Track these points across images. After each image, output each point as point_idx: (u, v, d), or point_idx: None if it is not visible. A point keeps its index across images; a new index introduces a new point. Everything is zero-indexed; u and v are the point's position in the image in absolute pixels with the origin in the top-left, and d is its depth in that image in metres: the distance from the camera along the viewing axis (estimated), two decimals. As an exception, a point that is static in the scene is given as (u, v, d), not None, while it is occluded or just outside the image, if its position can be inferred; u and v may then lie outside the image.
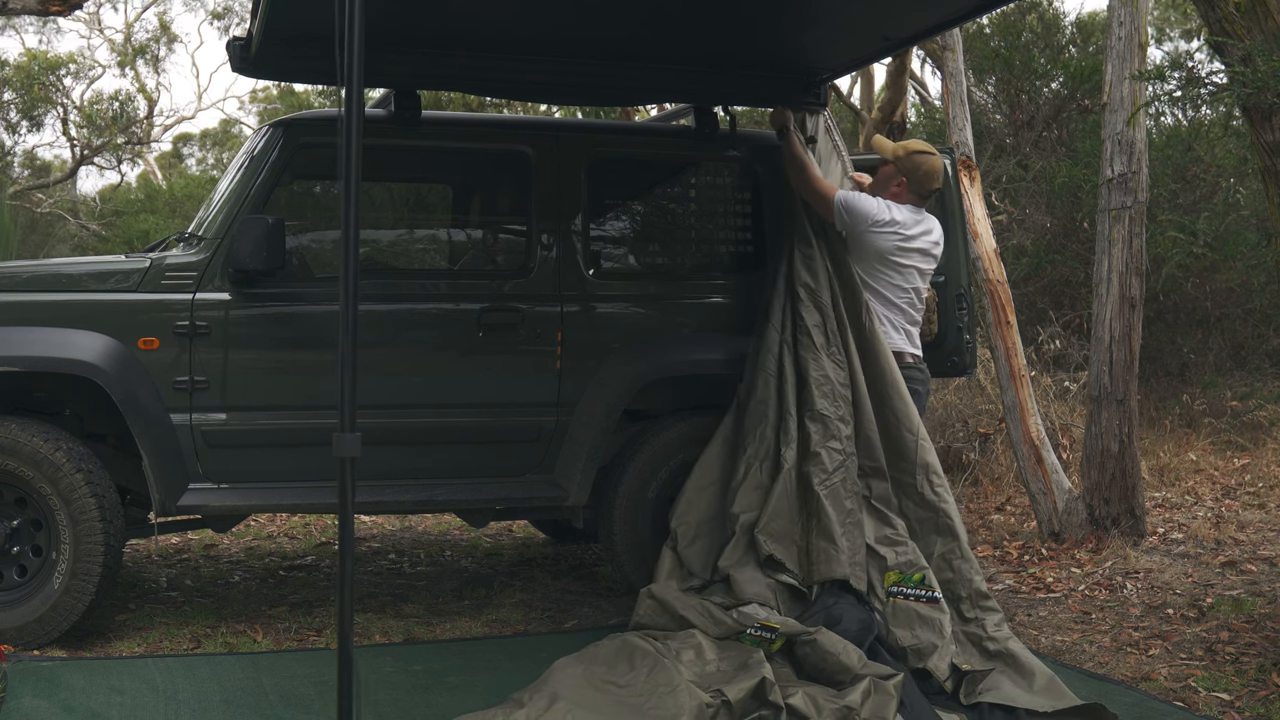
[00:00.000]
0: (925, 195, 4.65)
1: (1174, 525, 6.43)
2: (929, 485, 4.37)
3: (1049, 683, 3.79)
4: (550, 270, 4.88)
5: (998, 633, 4.06)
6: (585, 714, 3.43)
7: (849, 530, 4.26)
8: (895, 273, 4.58)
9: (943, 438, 7.80)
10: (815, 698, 3.56)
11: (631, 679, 3.72)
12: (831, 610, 4.06)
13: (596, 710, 3.46)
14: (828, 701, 3.55)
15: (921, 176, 4.60)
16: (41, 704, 3.69)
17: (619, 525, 4.88)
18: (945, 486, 4.40)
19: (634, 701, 3.54)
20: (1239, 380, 9.14)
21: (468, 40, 4.54)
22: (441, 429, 4.72)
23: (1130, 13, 6.07)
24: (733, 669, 3.75)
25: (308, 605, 5.10)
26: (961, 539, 4.31)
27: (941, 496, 4.36)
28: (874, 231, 4.52)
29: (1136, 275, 6.07)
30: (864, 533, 4.28)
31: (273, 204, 4.63)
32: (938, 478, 4.39)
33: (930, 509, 4.35)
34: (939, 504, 4.35)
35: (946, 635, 4.00)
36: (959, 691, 3.83)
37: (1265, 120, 4.16)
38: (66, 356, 4.29)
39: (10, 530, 4.37)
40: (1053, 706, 3.66)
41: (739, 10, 4.24)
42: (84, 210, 20.30)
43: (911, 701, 3.65)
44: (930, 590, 4.14)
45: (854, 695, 3.56)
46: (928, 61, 15.49)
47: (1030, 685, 3.80)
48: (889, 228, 4.52)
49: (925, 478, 4.37)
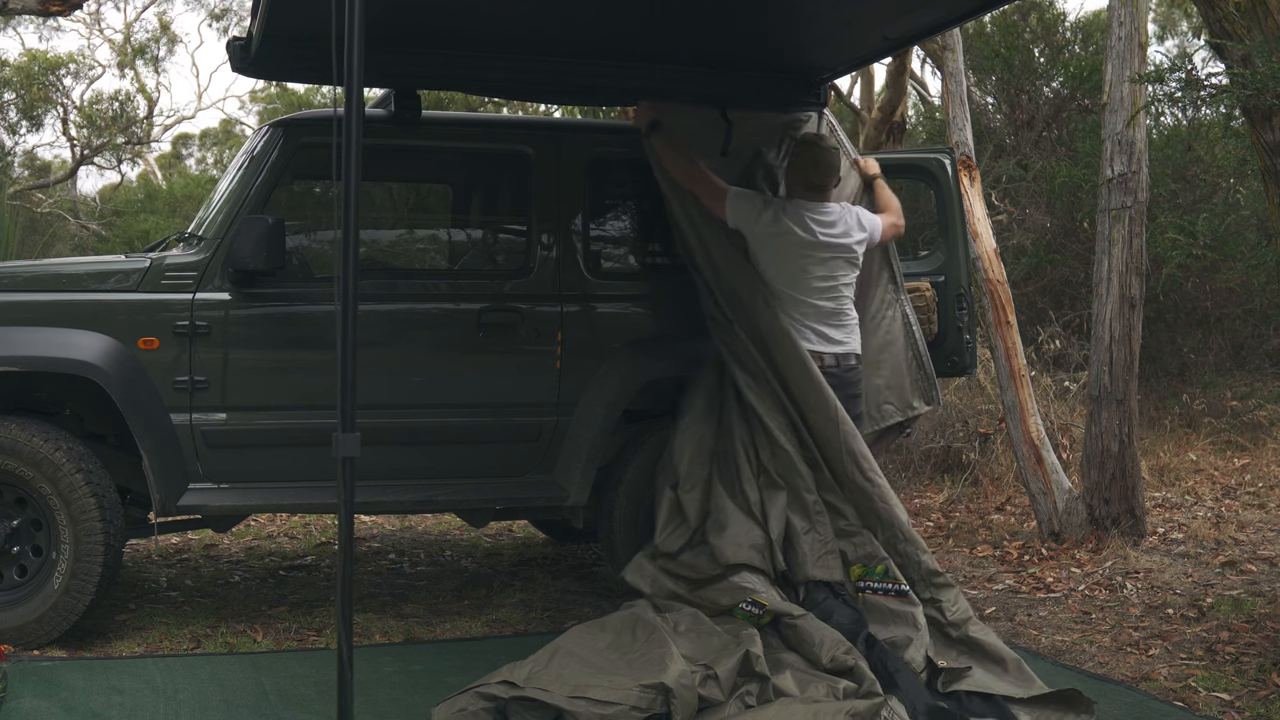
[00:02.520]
0: (812, 186, 4.56)
1: (1174, 525, 6.44)
2: (859, 471, 4.32)
3: (1018, 667, 3.87)
4: (550, 270, 4.88)
5: (955, 613, 4.09)
6: (577, 664, 3.67)
7: (818, 522, 4.30)
8: (788, 267, 4.49)
9: (943, 438, 7.80)
10: (803, 677, 3.73)
11: (631, 646, 3.90)
12: (823, 606, 4.14)
13: (586, 662, 3.68)
14: (816, 678, 3.72)
15: (805, 166, 4.56)
16: (41, 704, 3.69)
17: (619, 525, 4.88)
18: (876, 470, 4.36)
19: (627, 659, 3.77)
20: (1239, 380, 9.14)
21: (468, 40, 4.54)
22: (441, 429, 4.72)
23: (1130, 13, 6.07)
24: (723, 644, 3.88)
25: (308, 605, 5.10)
26: (900, 520, 4.29)
27: (873, 481, 4.33)
28: (759, 228, 4.47)
29: (1136, 275, 6.07)
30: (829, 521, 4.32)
31: (273, 204, 4.63)
32: (866, 461, 4.34)
33: (864, 495, 4.32)
34: (871, 489, 4.32)
35: (920, 627, 4.04)
36: (935, 681, 3.86)
37: (1265, 120, 4.16)
38: (66, 356, 4.29)
39: (10, 530, 4.37)
40: (1027, 693, 3.73)
41: (739, 10, 4.24)
42: (84, 210, 20.28)
43: (906, 685, 3.70)
44: (897, 584, 4.18)
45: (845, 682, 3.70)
46: (928, 61, 15.49)
47: (1003, 670, 3.87)
48: (770, 222, 4.45)
49: (854, 464, 4.33)
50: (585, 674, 3.62)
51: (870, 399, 4.89)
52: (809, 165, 4.57)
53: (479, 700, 3.53)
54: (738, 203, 4.51)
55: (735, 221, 4.54)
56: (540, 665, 3.70)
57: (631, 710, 3.42)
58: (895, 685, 3.68)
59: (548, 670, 3.66)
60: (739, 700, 3.62)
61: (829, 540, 4.29)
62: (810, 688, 3.69)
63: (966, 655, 3.99)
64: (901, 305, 5.01)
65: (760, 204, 4.52)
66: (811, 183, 4.57)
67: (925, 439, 7.89)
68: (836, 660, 3.82)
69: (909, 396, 5.00)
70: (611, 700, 3.44)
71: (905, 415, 5.01)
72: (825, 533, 4.30)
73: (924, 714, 3.56)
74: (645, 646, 3.87)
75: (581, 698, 3.45)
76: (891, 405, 4.98)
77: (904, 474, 7.81)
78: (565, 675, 3.61)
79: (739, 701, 3.62)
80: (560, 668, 3.68)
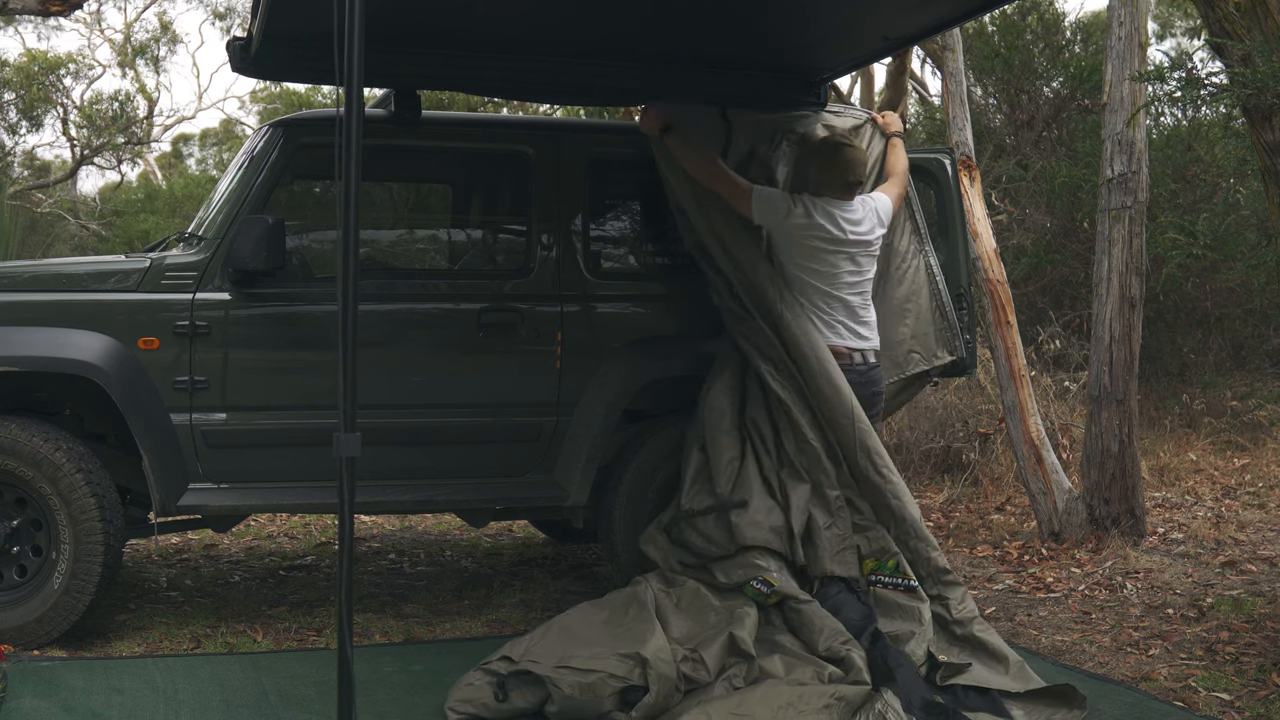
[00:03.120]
0: (847, 186, 4.57)
1: (1174, 525, 6.43)
2: (872, 467, 4.36)
3: (1019, 668, 3.91)
4: (550, 270, 4.88)
5: (961, 611, 4.14)
6: (569, 638, 3.90)
7: (839, 517, 4.33)
8: (821, 264, 4.51)
9: (943, 438, 7.80)
10: (792, 660, 3.85)
11: (621, 621, 4.07)
12: (834, 599, 4.18)
13: (578, 636, 3.90)
14: (804, 662, 3.83)
15: (841, 167, 4.56)
16: (41, 704, 3.69)
17: (619, 525, 4.87)
18: (890, 466, 4.40)
19: (613, 633, 3.96)
20: (1239, 380, 9.14)
21: (468, 40, 4.54)
22: (441, 429, 4.72)
23: (1130, 13, 6.07)
24: (717, 621, 4.07)
25: (308, 605, 5.10)
26: (912, 517, 4.33)
27: (886, 477, 4.36)
28: (790, 225, 4.48)
29: (1136, 275, 6.07)
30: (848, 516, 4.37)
31: (273, 204, 4.63)
32: (880, 458, 4.38)
33: (877, 491, 4.36)
34: (884, 485, 4.35)
35: (925, 622, 4.09)
36: (934, 674, 3.91)
37: (1265, 120, 4.16)
38: (66, 356, 4.29)
39: (10, 530, 4.37)
40: (1024, 687, 3.77)
41: (739, 10, 4.24)
42: (84, 210, 20.28)
43: (904, 679, 3.73)
44: (906, 579, 4.23)
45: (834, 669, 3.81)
46: (928, 61, 15.49)
47: (1004, 670, 3.91)
48: (803, 220, 4.47)
49: (868, 460, 4.36)
50: (573, 646, 3.82)
51: (897, 348, 4.98)
52: (844, 167, 4.57)
53: (484, 676, 3.79)
54: (763, 199, 4.53)
55: (761, 218, 4.56)
56: (536, 640, 3.92)
57: (609, 678, 3.61)
58: (893, 679, 3.71)
59: (542, 644, 3.87)
60: (726, 682, 3.75)
61: (848, 536, 4.32)
62: (797, 670, 3.79)
63: (969, 653, 4.02)
64: (926, 256, 5.10)
65: (789, 201, 4.53)
66: (847, 183, 4.58)
67: (925, 439, 7.89)
68: (832, 650, 3.90)
69: (933, 345, 5.10)
70: (592, 669, 3.65)
71: (930, 364, 5.10)
72: (845, 528, 4.33)
73: (919, 708, 3.61)
74: (632, 623, 3.99)
75: (565, 667, 3.68)
76: (917, 354, 5.07)
77: (904, 474, 7.77)
78: (555, 648, 3.83)
79: (726, 683, 3.74)
80: (553, 641, 3.89)
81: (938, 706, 3.63)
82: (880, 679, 3.74)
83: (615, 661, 3.67)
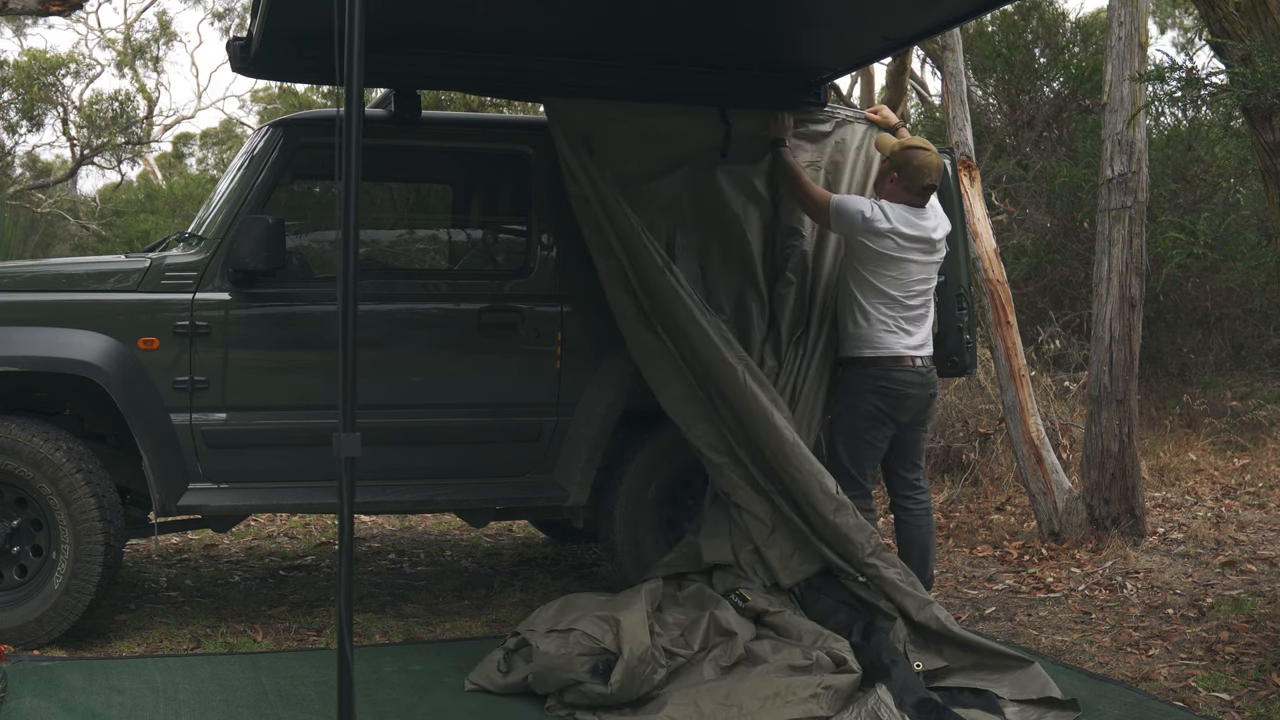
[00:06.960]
0: (916, 191, 4.59)
1: (1174, 525, 6.43)
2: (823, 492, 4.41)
3: (992, 653, 3.98)
4: (550, 270, 4.88)
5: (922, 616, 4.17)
6: (567, 606, 4.16)
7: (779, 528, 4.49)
8: (894, 271, 4.55)
9: (943, 438, 7.80)
10: (779, 642, 3.98)
11: (616, 600, 4.23)
12: (817, 607, 4.29)
13: (576, 607, 4.13)
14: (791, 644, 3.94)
15: (911, 171, 4.57)
16: (41, 704, 3.69)
17: (619, 525, 4.88)
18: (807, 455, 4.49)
19: (604, 603, 4.19)
20: (1239, 380, 9.14)
21: (468, 40, 4.54)
22: (441, 429, 4.72)
23: (1130, 13, 6.07)
24: (710, 606, 4.23)
25: (308, 605, 5.10)
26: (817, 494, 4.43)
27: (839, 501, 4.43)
28: (866, 232, 4.51)
29: (1136, 275, 6.07)
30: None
31: (273, 204, 4.63)
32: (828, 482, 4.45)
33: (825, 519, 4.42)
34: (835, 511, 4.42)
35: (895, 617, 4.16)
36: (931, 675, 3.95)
37: (1265, 120, 4.16)
38: (66, 356, 4.29)
39: (10, 530, 4.37)
40: (1020, 695, 3.78)
41: (739, 10, 4.24)
42: (84, 210, 20.26)
43: (898, 675, 3.74)
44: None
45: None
46: (928, 61, 15.49)
47: (978, 656, 3.97)
48: (879, 226, 4.49)
49: (818, 486, 4.41)
50: (566, 613, 4.09)
51: None
52: (920, 171, 4.56)
53: (498, 652, 4.09)
54: (841, 212, 4.56)
55: (838, 227, 4.63)
56: (540, 611, 4.20)
57: (583, 636, 3.85)
58: (888, 675, 3.73)
59: (544, 614, 4.15)
60: (713, 663, 3.84)
61: (791, 551, 4.43)
62: (784, 651, 3.87)
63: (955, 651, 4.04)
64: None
65: (867, 206, 4.55)
66: (924, 186, 4.59)
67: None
68: (817, 645, 3.95)
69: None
70: (570, 627, 3.93)
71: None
72: (786, 545, 4.44)
73: (912, 705, 3.60)
74: (623, 600, 4.17)
75: (553, 630, 3.97)
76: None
77: (904, 474, 7.79)
78: (553, 617, 4.09)
79: (713, 664, 3.83)
80: (554, 611, 4.15)
81: (930, 703, 3.64)
82: (875, 675, 3.75)
83: (591, 621, 3.93)
